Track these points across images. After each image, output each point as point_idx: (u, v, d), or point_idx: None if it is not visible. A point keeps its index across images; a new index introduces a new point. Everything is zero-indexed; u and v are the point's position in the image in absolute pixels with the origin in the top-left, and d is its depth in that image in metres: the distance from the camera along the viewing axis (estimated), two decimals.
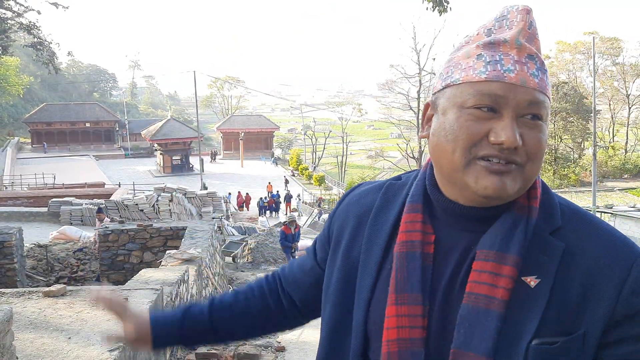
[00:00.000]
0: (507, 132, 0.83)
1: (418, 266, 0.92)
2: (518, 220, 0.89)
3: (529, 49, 0.86)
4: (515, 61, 0.85)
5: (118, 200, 17.63)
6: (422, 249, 0.93)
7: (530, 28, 0.88)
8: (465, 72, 0.88)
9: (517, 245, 0.86)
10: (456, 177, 0.89)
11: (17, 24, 23.27)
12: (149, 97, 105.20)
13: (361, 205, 1.06)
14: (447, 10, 9.19)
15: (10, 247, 9.15)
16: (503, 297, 0.84)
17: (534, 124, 0.86)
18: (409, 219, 0.96)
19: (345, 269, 1.01)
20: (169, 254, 7.14)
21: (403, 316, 0.90)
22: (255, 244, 15.18)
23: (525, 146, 0.85)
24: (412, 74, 41.78)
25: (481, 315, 0.84)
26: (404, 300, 0.90)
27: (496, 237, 0.88)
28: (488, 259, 0.87)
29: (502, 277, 0.85)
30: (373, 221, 1.01)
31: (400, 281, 0.92)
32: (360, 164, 58.41)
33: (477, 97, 0.85)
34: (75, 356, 2.65)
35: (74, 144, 59.43)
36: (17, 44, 36.79)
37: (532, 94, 0.85)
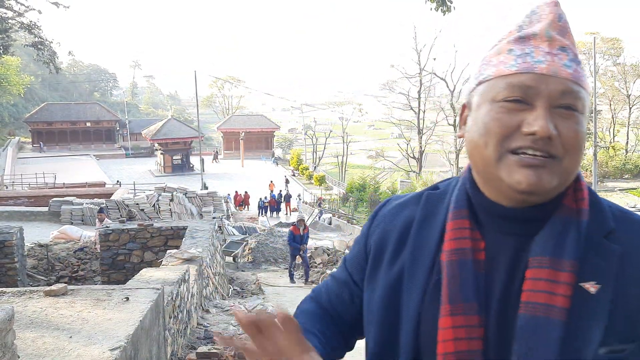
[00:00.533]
0: (540, 121, 0.81)
1: (471, 274, 0.87)
2: (568, 223, 0.85)
3: (560, 40, 0.85)
4: (546, 53, 0.84)
5: (119, 200, 17.64)
6: (474, 256, 0.89)
7: (561, 21, 0.87)
8: (497, 67, 0.88)
9: (572, 250, 0.83)
10: (490, 172, 0.87)
11: (18, 23, 23.28)
12: (150, 96, 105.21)
13: (400, 219, 1.01)
14: (451, 10, 9.17)
15: (11, 247, 9.15)
16: (563, 305, 0.80)
17: (568, 114, 0.84)
18: (456, 225, 0.92)
19: (389, 286, 0.96)
20: (170, 253, 7.15)
21: (460, 327, 0.85)
22: (255, 243, 15.20)
23: (560, 137, 0.82)
24: (412, 73, 41.80)
25: (542, 325, 0.80)
26: (459, 310, 0.86)
27: (547, 242, 0.84)
28: (543, 266, 0.83)
29: (560, 284, 0.81)
30: (416, 234, 0.97)
31: (453, 291, 0.87)
32: (360, 164, 58.40)
33: (508, 89, 0.84)
34: (77, 355, 2.65)
35: (75, 143, 59.47)
36: (18, 43, 36.78)
37: (565, 83, 0.83)
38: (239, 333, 6.05)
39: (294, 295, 10.22)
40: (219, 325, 6.36)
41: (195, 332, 5.93)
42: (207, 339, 5.75)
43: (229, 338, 0.89)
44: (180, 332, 5.20)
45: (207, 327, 6.23)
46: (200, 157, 37.15)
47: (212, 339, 5.74)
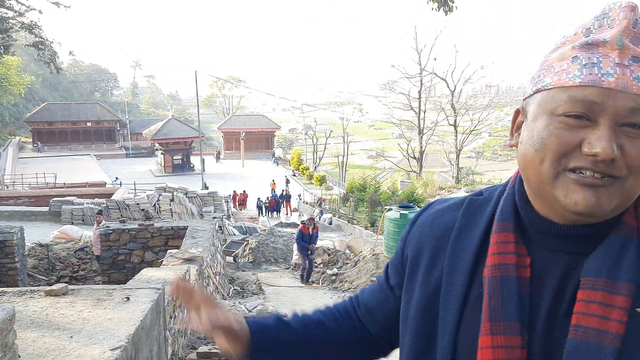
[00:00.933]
0: (603, 142, 0.74)
1: (514, 292, 0.83)
2: (627, 243, 0.79)
3: (633, 50, 0.76)
4: (616, 64, 0.76)
5: (119, 200, 17.64)
6: (518, 272, 0.84)
7: (636, 27, 0.77)
8: (558, 76, 0.80)
9: (630, 272, 0.77)
10: (544, 190, 0.81)
11: (19, 23, 23.29)
12: (150, 96, 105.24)
13: (439, 225, 0.97)
14: (452, 9, 9.16)
15: (11, 247, 9.16)
16: (618, 332, 0.75)
17: (637, 134, 0.75)
18: (500, 239, 0.87)
19: (426, 295, 0.93)
20: (170, 253, 7.15)
21: (500, 347, 0.81)
22: (256, 243, 15.20)
23: (625, 158, 0.76)
24: (413, 74, 41.81)
25: (593, 352, 0.75)
26: (500, 329, 0.82)
27: (603, 262, 0.78)
28: (597, 288, 0.77)
29: (615, 308, 0.76)
30: (455, 242, 0.93)
31: (494, 309, 0.83)
32: (361, 163, 58.42)
33: (569, 103, 0.77)
34: (77, 355, 2.65)
35: (75, 143, 59.49)
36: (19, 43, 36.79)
37: (636, 100, 0.75)
38: None
39: (294, 295, 10.22)
40: None
41: (196, 332, 5.93)
42: (208, 338, 5.75)
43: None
44: (181, 332, 5.20)
45: None
46: (200, 157, 37.17)
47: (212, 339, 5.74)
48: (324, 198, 33.62)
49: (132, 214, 17.24)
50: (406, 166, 44.35)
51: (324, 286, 11.24)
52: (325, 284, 11.36)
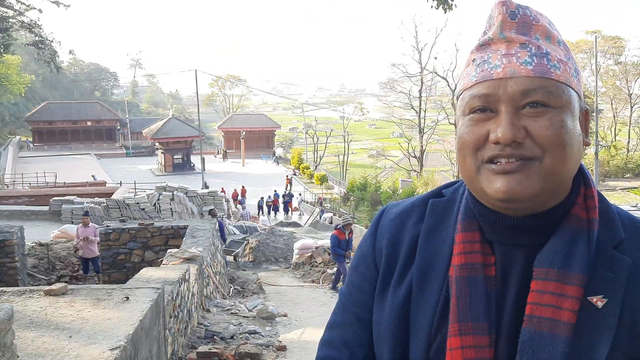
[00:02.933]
0: (501, 127, 0.79)
1: (482, 292, 0.84)
2: (578, 234, 0.82)
3: (518, 38, 0.82)
4: (503, 55, 0.82)
5: (119, 199, 17.64)
6: (484, 272, 0.85)
7: (516, 17, 0.83)
8: (464, 81, 0.87)
9: (581, 262, 0.79)
10: (473, 185, 0.85)
11: (19, 22, 23.28)
12: (151, 95, 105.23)
13: (407, 229, 0.96)
14: (452, 7, 9.13)
15: (11, 246, 9.16)
16: (570, 320, 0.77)
17: (539, 112, 0.80)
18: (467, 238, 0.88)
19: (398, 304, 0.91)
20: (170, 252, 7.15)
21: (469, 348, 0.82)
22: (256, 243, 15.20)
23: (533, 138, 0.79)
24: (413, 73, 41.80)
25: (546, 341, 0.77)
26: (468, 330, 0.83)
27: (556, 253, 0.81)
28: (550, 278, 0.80)
29: (567, 298, 0.78)
30: (424, 246, 0.92)
31: (462, 309, 0.84)
32: (361, 163, 58.36)
33: (472, 101, 0.84)
34: (76, 355, 2.64)
35: (76, 142, 59.50)
36: (19, 42, 36.78)
37: (525, 82, 0.80)
38: (239, 333, 6.05)
39: (294, 294, 10.21)
40: (220, 325, 6.36)
41: (196, 331, 5.92)
42: (208, 338, 5.74)
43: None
44: (181, 332, 5.19)
45: (208, 326, 6.22)
46: (201, 156, 37.18)
47: (212, 338, 5.73)
48: (324, 197, 33.62)
49: (132, 213, 17.23)
50: (407, 165, 44.34)
51: (324, 285, 11.23)
52: (325, 284, 11.36)
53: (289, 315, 7.84)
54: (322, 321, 5.85)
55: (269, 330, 6.71)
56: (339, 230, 10.64)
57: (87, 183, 27.50)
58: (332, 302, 9.54)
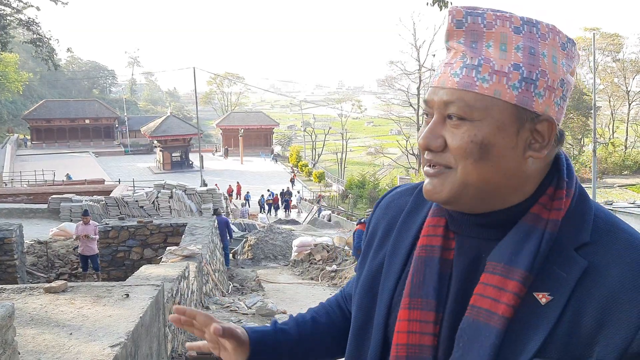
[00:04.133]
0: (421, 134, 0.86)
1: (435, 272, 0.89)
2: (532, 232, 0.83)
3: (459, 48, 0.84)
4: (445, 64, 0.85)
5: (118, 197, 17.63)
6: (441, 254, 0.91)
7: (462, 26, 0.84)
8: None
9: (527, 259, 0.81)
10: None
11: (17, 20, 23.21)
12: (149, 93, 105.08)
13: (393, 209, 1.05)
14: (447, 4, 9.12)
15: (10, 244, 9.15)
16: (504, 314, 0.80)
17: (457, 124, 0.82)
18: (433, 222, 0.94)
19: (371, 272, 1.00)
20: (170, 250, 7.15)
21: (414, 321, 0.88)
22: (255, 240, 15.21)
23: (449, 147, 0.83)
24: (412, 70, 41.77)
25: (481, 330, 0.81)
26: (417, 305, 0.89)
27: (506, 249, 0.84)
28: (495, 272, 0.83)
29: (506, 292, 0.81)
30: (401, 225, 1.00)
31: (415, 285, 0.90)
32: (360, 160, 58.37)
33: (423, 104, 0.89)
34: (77, 352, 2.65)
35: (74, 140, 59.39)
36: (17, 40, 36.70)
37: (448, 94, 0.82)
38: None
39: (293, 291, 10.23)
40: None
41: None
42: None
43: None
44: (181, 329, 5.20)
45: None
46: (199, 154, 37.16)
47: None
48: (323, 195, 33.62)
49: (131, 211, 17.22)
50: (405, 163, 44.36)
51: (323, 282, 11.25)
52: (324, 281, 11.37)
53: (288, 313, 7.86)
54: None
55: None
56: (363, 224, 9.98)
57: (86, 181, 27.46)
58: None
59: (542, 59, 0.81)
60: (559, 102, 0.84)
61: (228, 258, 12.48)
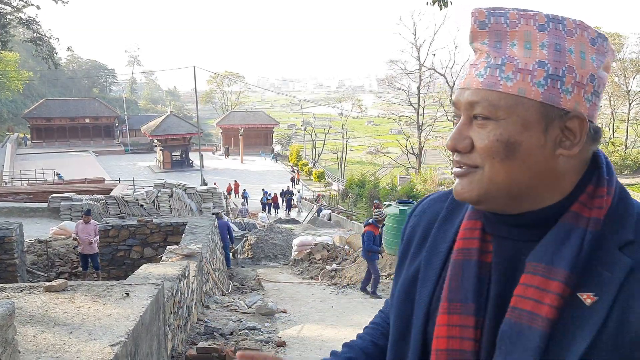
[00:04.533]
0: (450, 135, 0.87)
1: (473, 275, 0.88)
2: (573, 231, 0.82)
3: (483, 48, 0.85)
4: (470, 65, 0.86)
5: (118, 196, 17.63)
6: (479, 257, 0.90)
7: (486, 27, 0.84)
8: None
9: (568, 259, 0.79)
10: None
11: (17, 18, 23.20)
12: (149, 92, 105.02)
13: (427, 216, 1.04)
14: (447, 4, 9.10)
15: (10, 243, 9.16)
16: (547, 315, 0.78)
17: (483, 124, 0.83)
18: (469, 225, 0.94)
19: (408, 280, 1.00)
20: (170, 249, 7.15)
21: (454, 326, 0.87)
22: (255, 239, 15.20)
23: (476, 147, 0.84)
24: (412, 69, 41.76)
25: (524, 333, 0.79)
26: (456, 309, 0.88)
27: (547, 249, 0.82)
28: (536, 273, 0.81)
29: (549, 293, 0.79)
30: (437, 230, 0.99)
31: (453, 289, 0.89)
32: (360, 159, 58.35)
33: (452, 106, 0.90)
34: (77, 351, 2.65)
35: (74, 139, 59.39)
36: (17, 39, 36.70)
37: (474, 94, 0.84)
38: (238, 329, 6.07)
39: (293, 290, 10.23)
40: (219, 321, 6.37)
41: (196, 327, 5.94)
42: (207, 334, 5.76)
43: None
44: (181, 328, 5.21)
45: (208, 322, 6.24)
46: (199, 153, 37.17)
47: (212, 334, 5.75)
48: (322, 194, 33.61)
49: (131, 210, 17.23)
50: (405, 162, 44.35)
51: (323, 282, 11.25)
52: (324, 280, 11.38)
53: (288, 312, 7.86)
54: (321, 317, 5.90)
55: (268, 326, 6.73)
56: (372, 225, 9.66)
57: (86, 180, 27.46)
58: (331, 298, 9.56)
59: (569, 55, 0.80)
60: (591, 98, 0.82)
61: (229, 259, 12.49)
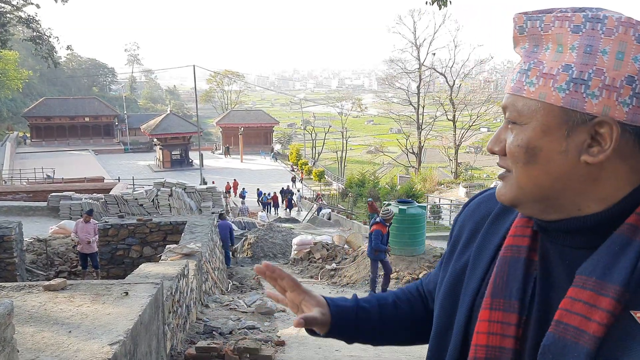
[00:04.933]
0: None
1: (520, 273, 0.87)
2: (628, 244, 0.77)
3: (521, 52, 0.86)
4: (513, 70, 0.87)
5: (117, 195, 17.62)
6: (528, 255, 0.88)
7: (524, 31, 0.84)
8: None
9: (622, 275, 0.75)
10: None
11: (16, 17, 23.19)
12: (149, 91, 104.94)
13: (480, 212, 1.04)
14: (446, 4, 9.09)
15: (10, 242, 9.15)
16: (595, 333, 0.74)
17: (510, 128, 0.86)
18: (521, 223, 0.92)
19: (455, 272, 1.00)
20: (169, 248, 7.15)
21: (496, 322, 0.86)
22: (254, 238, 15.20)
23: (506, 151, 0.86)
24: (412, 69, 41.76)
25: (569, 349, 0.75)
26: (499, 305, 0.87)
27: (599, 262, 0.78)
28: (586, 287, 0.77)
29: (599, 309, 0.75)
30: (488, 227, 0.99)
31: (497, 285, 0.88)
32: (359, 159, 58.37)
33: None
34: (76, 349, 2.65)
35: (74, 138, 59.40)
36: (16, 38, 36.66)
37: (506, 99, 0.86)
38: (237, 328, 6.07)
39: None
40: (219, 320, 6.37)
41: (195, 326, 5.94)
42: (207, 333, 5.75)
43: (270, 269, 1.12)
44: (180, 327, 5.20)
45: (207, 321, 6.24)
46: (199, 152, 37.18)
47: (211, 333, 5.75)
48: (322, 194, 33.61)
49: (131, 209, 17.22)
50: (405, 161, 44.37)
51: (322, 281, 11.25)
52: (324, 279, 11.38)
53: (287, 311, 7.86)
54: None
55: (268, 325, 6.73)
56: (380, 224, 9.38)
57: (85, 179, 27.46)
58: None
59: (600, 57, 0.76)
60: (628, 102, 0.75)
61: (229, 258, 12.50)
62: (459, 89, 41.76)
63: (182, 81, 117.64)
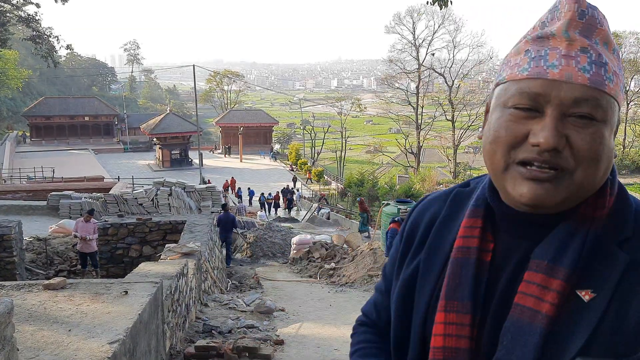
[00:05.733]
0: (545, 132, 0.77)
1: (471, 274, 0.88)
2: (577, 230, 0.82)
3: (581, 41, 0.79)
4: (562, 55, 0.79)
5: (117, 194, 17.63)
6: (478, 255, 0.89)
7: (584, 17, 0.80)
8: (511, 70, 0.84)
9: (571, 258, 0.79)
10: (497, 181, 0.86)
11: (16, 17, 23.19)
12: (148, 91, 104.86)
13: (428, 215, 1.02)
14: (447, 4, 9.09)
15: (9, 241, 9.16)
16: (548, 312, 0.78)
17: (584, 124, 0.78)
18: (469, 223, 0.92)
19: (407, 278, 0.98)
20: (169, 247, 7.16)
21: (451, 324, 0.87)
22: (254, 238, 15.21)
23: (572, 149, 0.78)
24: (411, 69, 41.77)
25: (525, 329, 0.79)
26: (453, 307, 0.87)
27: (550, 247, 0.82)
28: (538, 270, 0.81)
29: (550, 290, 0.79)
30: (437, 230, 0.97)
31: (451, 288, 0.88)
32: (359, 159, 58.36)
33: (517, 96, 0.81)
34: (76, 348, 2.66)
35: (73, 137, 59.31)
36: (16, 37, 36.63)
37: (580, 90, 0.77)
38: (236, 327, 6.08)
39: (292, 289, 10.24)
40: (218, 319, 6.39)
41: (194, 325, 5.95)
42: (206, 332, 5.77)
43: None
44: (179, 326, 5.22)
45: (206, 320, 6.25)
46: (199, 151, 37.16)
47: (210, 333, 5.76)
48: (325, 194, 33.56)
49: (130, 208, 17.23)
50: (404, 161, 44.38)
51: (321, 280, 11.27)
52: (323, 278, 11.39)
53: (286, 310, 7.87)
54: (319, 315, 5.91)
55: (267, 324, 6.74)
56: (397, 222, 9.52)
57: (85, 178, 27.44)
58: (329, 296, 9.57)
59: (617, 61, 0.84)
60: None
61: (230, 257, 12.50)
62: (458, 89, 41.79)
63: (182, 81, 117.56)
